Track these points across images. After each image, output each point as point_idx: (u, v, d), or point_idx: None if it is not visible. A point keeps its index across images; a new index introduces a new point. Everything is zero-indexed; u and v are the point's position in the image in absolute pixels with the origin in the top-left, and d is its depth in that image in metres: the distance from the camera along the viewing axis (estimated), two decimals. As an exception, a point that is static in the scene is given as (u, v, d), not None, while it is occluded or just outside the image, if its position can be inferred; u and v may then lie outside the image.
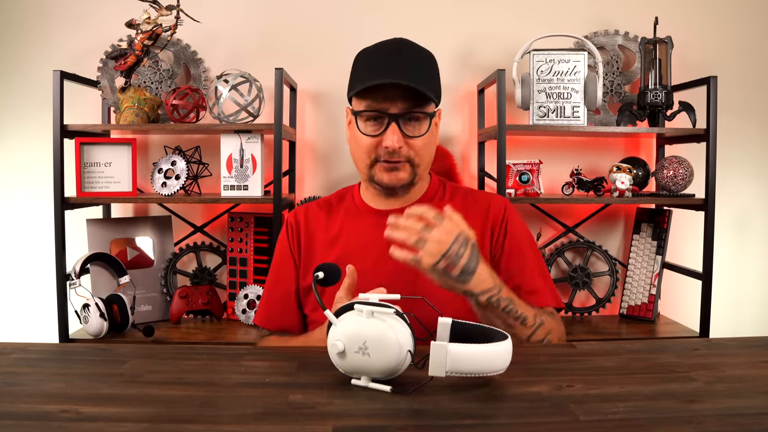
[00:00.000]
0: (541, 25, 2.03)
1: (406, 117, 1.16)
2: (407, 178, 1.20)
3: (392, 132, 1.15)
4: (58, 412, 0.71)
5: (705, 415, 0.72)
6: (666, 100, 1.86)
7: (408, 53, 1.20)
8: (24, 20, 2.02)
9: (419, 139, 1.18)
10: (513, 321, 1.08)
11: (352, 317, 0.80)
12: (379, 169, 1.19)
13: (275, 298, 1.27)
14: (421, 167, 1.21)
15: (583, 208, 2.08)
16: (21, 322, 2.06)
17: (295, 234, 1.29)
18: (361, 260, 1.21)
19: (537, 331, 1.10)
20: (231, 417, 0.71)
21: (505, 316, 1.07)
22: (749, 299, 2.15)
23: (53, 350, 1.03)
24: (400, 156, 1.17)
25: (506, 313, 1.07)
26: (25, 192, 2.05)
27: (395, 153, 1.16)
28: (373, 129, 1.17)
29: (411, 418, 0.71)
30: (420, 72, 1.17)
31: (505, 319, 1.07)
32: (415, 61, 1.19)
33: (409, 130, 1.17)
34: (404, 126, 1.16)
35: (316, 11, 2.04)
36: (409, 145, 1.17)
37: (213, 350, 0.98)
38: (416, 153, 1.18)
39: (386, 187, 1.21)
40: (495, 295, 1.06)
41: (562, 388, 0.80)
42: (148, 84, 1.96)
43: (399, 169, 1.19)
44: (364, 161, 1.20)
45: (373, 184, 1.24)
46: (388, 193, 1.24)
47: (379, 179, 1.20)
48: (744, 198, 2.12)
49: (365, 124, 1.18)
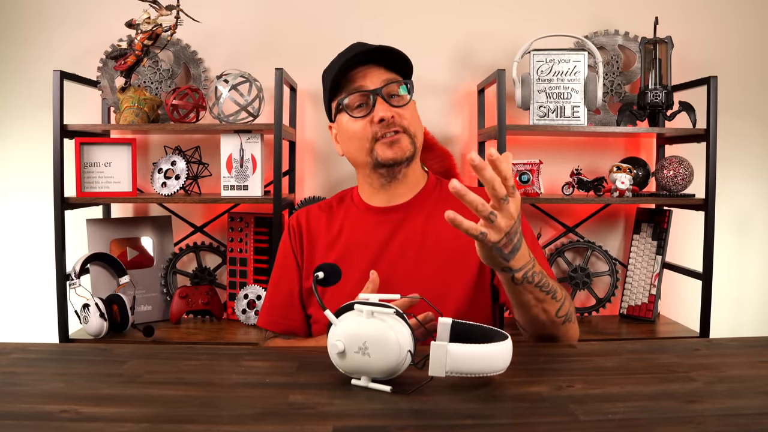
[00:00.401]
0: (541, 25, 2.03)
1: (387, 92, 1.20)
2: (409, 148, 1.21)
3: (380, 104, 1.18)
4: (58, 412, 0.71)
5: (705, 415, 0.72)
6: (666, 100, 1.86)
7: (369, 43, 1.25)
8: (24, 20, 2.02)
9: (406, 108, 1.21)
10: (544, 296, 1.02)
11: (352, 317, 0.80)
12: (380, 149, 1.20)
13: (279, 300, 1.27)
14: (417, 138, 1.23)
15: (584, 208, 2.08)
16: (21, 322, 2.06)
17: (297, 236, 1.29)
18: (362, 258, 1.21)
19: (564, 304, 1.05)
20: (231, 417, 0.71)
21: (538, 291, 1.01)
22: (749, 299, 2.15)
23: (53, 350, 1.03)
24: (396, 125, 1.19)
25: (539, 288, 1.01)
26: (25, 192, 2.05)
27: (390, 123, 1.18)
28: (362, 112, 1.20)
29: (411, 418, 0.71)
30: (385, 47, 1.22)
31: (536, 295, 1.01)
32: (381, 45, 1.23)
33: (395, 101, 1.21)
34: (390, 99, 1.20)
35: (316, 11, 2.04)
36: (399, 114, 1.20)
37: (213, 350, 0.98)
38: (409, 122, 1.21)
39: (392, 163, 1.20)
40: (530, 269, 0.99)
41: (563, 388, 0.80)
42: (148, 84, 1.96)
43: (399, 141, 1.20)
44: (364, 147, 1.21)
45: (378, 170, 1.22)
46: (391, 175, 1.23)
47: (383, 158, 1.20)
48: (744, 198, 2.12)
49: (354, 111, 1.21)
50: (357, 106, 1.20)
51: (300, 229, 1.29)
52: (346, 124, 1.22)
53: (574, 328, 1.10)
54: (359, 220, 1.27)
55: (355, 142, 1.22)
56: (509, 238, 0.91)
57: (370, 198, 1.29)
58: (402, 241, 1.21)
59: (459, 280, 1.18)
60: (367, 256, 1.21)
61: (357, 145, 1.22)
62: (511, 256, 0.95)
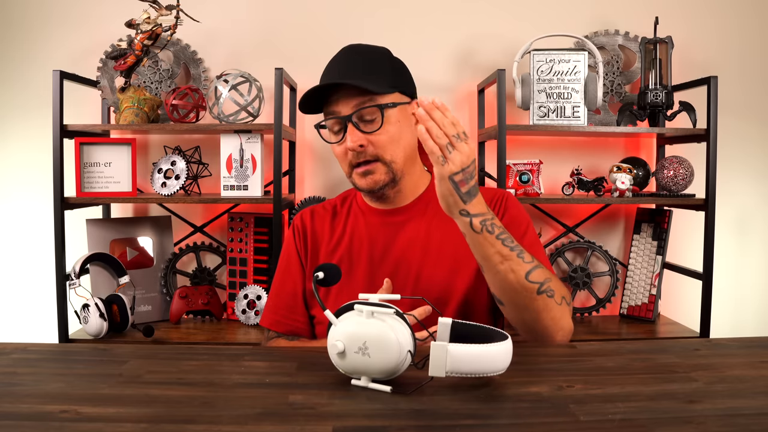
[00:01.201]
0: (541, 24, 2.03)
1: (360, 116, 1.14)
2: (383, 179, 1.17)
3: (350, 133, 1.14)
4: (58, 413, 0.71)
5: (705, 415, 0.72)
6: (666, 100, 1.86)
7: (350, 55, 1.20)
8: (24, 20, 2.02)
9: (379, 134, 1.14)
10: (509, 252, 1.03)
11: (352, 317, 0.80)
12: (356, 176, 1.19)
13: (282, 300, 1.27)
14: (397, 162, 1.17)
15: (584, 208, 2.08)
16: (21, 322, 2.06)
17: (302, 236, 1.28)
18: (365, 259, 1.21)
19: (536, 270, 1.04)
20: (231, 417, 0.71)
21: (500, 245, 1.03)
22: (749, 299, 2.15)
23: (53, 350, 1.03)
24: (366, 155, 1.16)
25: (500, 242, 1.03)
26: (25, 192, 2.05)
27: (360, 153, 1.15)
28: (336, 138, 1.18)
29: (411, 419, 0.71)
30: (363, 68, 1.16)
31: (499, 249, 1.03)
32: (357, 60, 1.18)
33: (368, 128, 1.15)
34: (363, 125, 1.15)
35: (316, 11, 2.04)
36: (372, 142, 1.15)
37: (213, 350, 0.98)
38: (383, 149, 1.15)
39: (366, 191, 1.20)
40: (489, 220, 1.03)
41: (563, 388, 0.80)
42: (148, 84, 1.96)
43: (373, 172, 1.17)
44: (344, 169, 1.21)
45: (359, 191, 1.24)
46: (375, 197, 1.23)
47: (358, 185, 1.20)
48: (744, 198, 2.12)
49: (330, 135, 1.19)
50: (335, 130, 1.18)
51: (304, 230, 1.29)
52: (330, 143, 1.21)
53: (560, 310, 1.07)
54: (362, 222, 1.26)
55: (339, 162, 1.22)
56: (465, 176, 0.99)
57: (369, 202, 1.29)
58: (404, 243, 1.21)
59: (460, 281, 1.18)
60: (370, 257, 1.21)
61: (341, 166, 1.22)
62: (468, 198, 1.00)
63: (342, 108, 1.15)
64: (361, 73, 1.15)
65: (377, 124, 1.14)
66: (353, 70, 1.16)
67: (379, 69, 1.18)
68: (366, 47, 1.22)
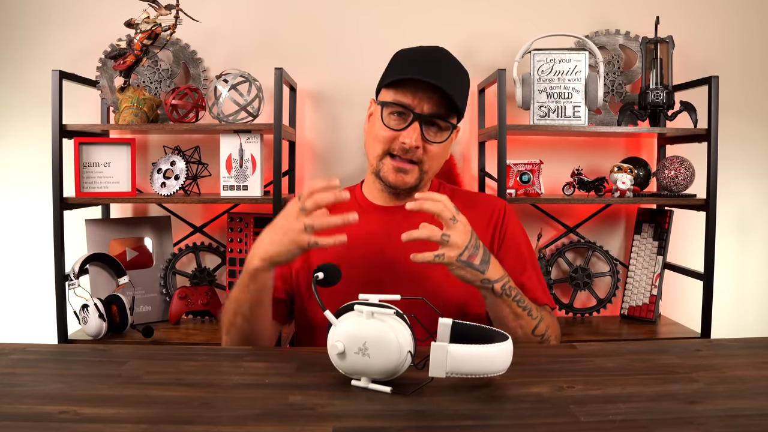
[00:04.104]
0: (541, 24, 2.02)
1: (429, 121, 1.17)
2: (413, 182, 1.21)
3: (413, 130, 1.16)
4: (57, 413, 0.71)
5: (706, 416, 0.71)
6: (667, 99, 1.86)
7: (447, 61, 1.22)
8: (23, 20, 2.02)
9: (436, 146, 1.19)
10: (521, 311, 1.11)
11: (352, 318, 0.80)
12: (387, 166, 1.20)
13: None
14: (429, 174, 1.22)
15: (584, 209, 2.08)
16: (20, 322, 2.06)
17: None
18: (365, 255, 1.21)
19: (540, 324, 1.13)
20: (230, 418, 0.71)
21: (515, 306, 1.10)
22: (751, 300, 2.14)
23: (52, 351, 1.02)
24: (413, 156, 1.18)
25: (516, 303, 1.10)
26: (24, 192, 2.05)
27: (409, 151, 1.17)
28: (395, 123, 1.18)
29: (411, 419, 0.71)
30: (455, 82, 1.18)
31: (514, 309, 1.10)
32: (452, 70, 1.20)
33: (430, 135, 1.18)
34: (426, 129, 1.17)
35: (315, 11, 2.03)
36: (425, 148, 1.18)
37: (212, 351, 0.98)
38: (429, 158, 1.19)
39: (391, 186, 1.21)
40: (507, 282, 1.10)
41: (563, 389, 0.80)
42: (147, 84, 1.96)
43: (407, 172, 1.19)
44: (375, 151, 1.21)
45: (379, 180, 1.24)
46: (391, 192, 1.25)
47: (384, 176, 1.20)
48: (745, 198, 2.12)
49: (389, 116, 1.19)
50: (397, 113, 1.18)
51: None
52: (376, 118, 1.21)
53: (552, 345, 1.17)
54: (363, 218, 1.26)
55: (372, 141, 1.22)
56: (470, 251, 1.04)
57: (373, 196, 1.29)
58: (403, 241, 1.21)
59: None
60: (368, 253, 1.21)
61: (372, 145, 1.22)
62: (484, 267, 1.06)
63: (418, 103, 1.15)
64: (452, 85, 1.16)
65: (441, 138, 1.19)
66: (447, 76, 1.17)
67: (463, 89, 1.22)
68: (457, 61, 1.24)
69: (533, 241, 1.94)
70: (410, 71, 1.16)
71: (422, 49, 1.24)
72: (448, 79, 1.17)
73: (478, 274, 1.06)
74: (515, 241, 1.26)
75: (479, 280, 1.07)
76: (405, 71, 1.16)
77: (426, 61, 1.19)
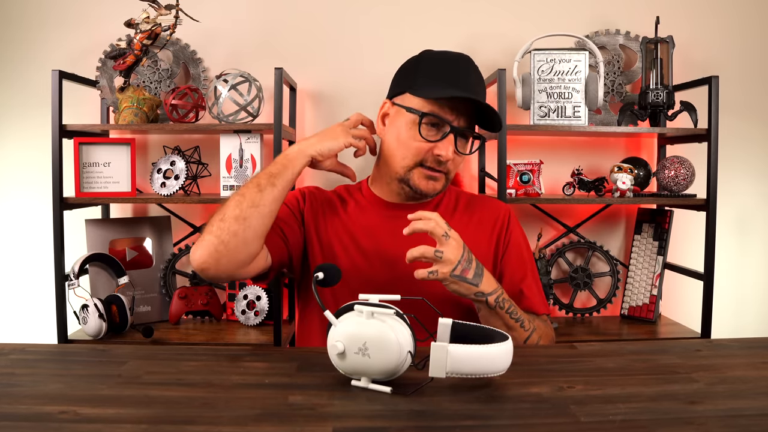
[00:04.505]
0: (541, 24, 2.02)
1: (461, 132, 1.20)
2: (440, 189, 1.25)
3: (449, 143, 1.18)
4: (57, 414, 0.71)
5: (706, 416, 0.71)
6: (667, 99, 1.86)
7: (476, 74, 1.24)
8: (23, 20, 2.02)
9: (461, 157, 1.23)
10: (514, 323, 1.13)
11: (352, 318, 0.80)
12: (418, 175, 1.21)
13: None
14: (450, 178, 1.26)
15: (584, 209, 2.08)
16: (19, 322, 2.06)
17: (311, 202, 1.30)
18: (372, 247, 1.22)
19: (532, 335, 1.16)
20: (230, 418, 0.70)
21: (508, 318, 1.13)
22: (751, 300, 2.14)
23: (52, 351, 1.02)
24: (445, 167, 1.21)
25: (509, 315, 1.12)
26: (24, 192, 2.05)
27: (442, 163, 1.19)
28: (432, 134, 1.19)
29: (411, 420, 0.71)
30: (483, 94, 1.23)
31: (507, 321, 1.13)
32: (481, 83, 1.23)
33: (461, 146, 1.22)
34: (458, 141, 1.20)
35: (315, 11, 2.03)
36: (454, 160, 1.21)
37: (212, 351, 0.97)
38: (455, 166, 1.23)
39: (420, 193, 1.23)
40: (500, 295, 1.12)
41: (563, 389, 0.80)
42: (147, 84, 1.96)
43: (437, 179, 1.22)
44: (406, 160, 1.21)
45: (403, 185, 1.24)
46: (414, 197, 1.27)
47: (415, 185, 1.22)
48: (745, 198, 2.12)
49: (425, 127, 1.19)
50: (430, 123, 1.19)
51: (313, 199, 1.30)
52: (404, 125, 1.21)
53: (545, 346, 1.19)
54: (371, 212, 1.28)
55: (402, 149, 1.22)
56: (464, 265, 1.07)
57: (381, 192, 1.30)
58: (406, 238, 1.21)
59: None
60: (378, 244, 1.22)
61: (403, 154, 1.22)
62: (478, 280, 1.09)
63: (455, 117, 1.18)
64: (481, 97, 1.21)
65: (470, 149, 1.25)
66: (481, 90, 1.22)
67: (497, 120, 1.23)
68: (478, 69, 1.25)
69: (533, 242, 1.94)
70: (451, 88, 1.18)
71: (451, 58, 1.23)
72: (479, 91, 1.22)
73: (471, 287, 1.08)
74: (519, 248, 1.28)
75: (473, 293, 1.09)
76: (446, 87, 1.18)
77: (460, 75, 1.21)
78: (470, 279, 1.08)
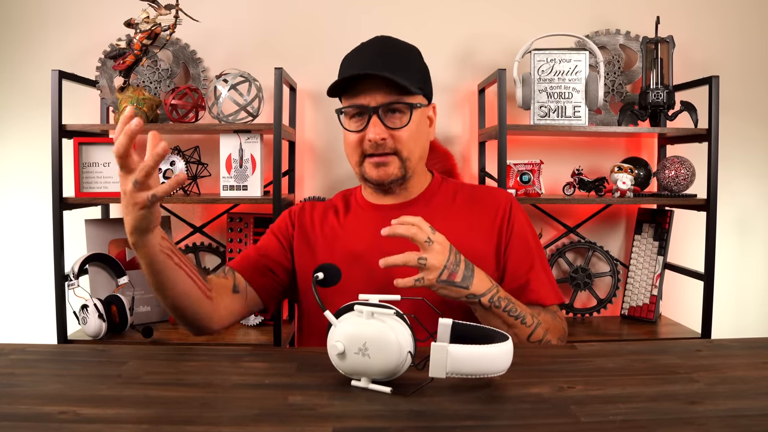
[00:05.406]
0: (542, 24, 2.02)
1: (387, 109, 1.17)
2: (396, 173, 1.20)
3: (373, 125, 1.16)
4: (57, 414, 0.71)
5: (707, 416, 0.71)
6: (668, 99, 1.86)
7: (385, 47, 1.21)
8: (22, 20, 2.02)
9: (403, 131, 1.17)
10: (513, 321, 1.10)
11: (352, 318, 0.80)
12: (368, 166, 1.20)
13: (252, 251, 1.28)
14: (412, 160, 1.20)
15: (585, 209, 2.08)
16: (19, 322, 2.06)
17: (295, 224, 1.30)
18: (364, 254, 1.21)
19: (536, 330, 1.12)
20: (230, 418, 0.70)
21: (506, 316, 1.09)
22: (751, 300, 2.14)
23: (51, 351, 1.02)
24: (385, 148, 1.17)
25: (507, 313, 1.09)
26: (24, 192, 2.05)
27: (380, 146, 1.17)
28: (357, 125, 1.19)
29: (411, 420, 0.71)
30: (397, 63, 1.18)
31: (506, 320, 1.10)
32: (392, 53, 1.20)
33: (392, 122, 1.17)
34: (386, 119, 1.17)
35: (315, 11, 2.03)
36: (393, 137, 1.17)
37: (212, 351, 0.97)
38: (403, 144, 1.18)
39: (376, 183, 1.21)
40: (495, 294, 1.09)
41: (563, 389, 0.80)
42: (147, 84, 1.96)
43: (387, 164, 1.19)
44: (353, 158, 1.22)
45: (366, 183, 1.25)
46: (382, 190, 1.24)
47: (368, 176, 1.21)
48: (746, 198, 2.12)
49: (350, 121, 1.20)
50: (354, 115, 1.19)
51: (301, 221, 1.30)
52: (342, 129, 1.22)
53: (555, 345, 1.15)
54: (361, 217, 1.27)
55: (348, 150, 1.23)
56: (451, 268, 1.05)
57: (371, 196, 1.29)
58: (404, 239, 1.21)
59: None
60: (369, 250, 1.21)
61: (349, 153, 1.23)
62: (468, 282, 1.06)
63: (369, 98, 1.16)
64: (394, 68, 1.16)
65: (404, 122, 1.18)
66: (387, 62, 1.17)
67: (411, 67, 1.20)
68: (400, 42, 1.23)
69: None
70: (348, 71, 1.17)
71: (360, 45, 1.23)
72: (389, 61, 1.17)
73: (461, 290, 1.06)
74: (523, 238, 1.23)
75: (464, 296, 1.07)
76: (344, 73, 1.18)
77: (363, 54, 1.20)
78: (459, 282, 1.05)
